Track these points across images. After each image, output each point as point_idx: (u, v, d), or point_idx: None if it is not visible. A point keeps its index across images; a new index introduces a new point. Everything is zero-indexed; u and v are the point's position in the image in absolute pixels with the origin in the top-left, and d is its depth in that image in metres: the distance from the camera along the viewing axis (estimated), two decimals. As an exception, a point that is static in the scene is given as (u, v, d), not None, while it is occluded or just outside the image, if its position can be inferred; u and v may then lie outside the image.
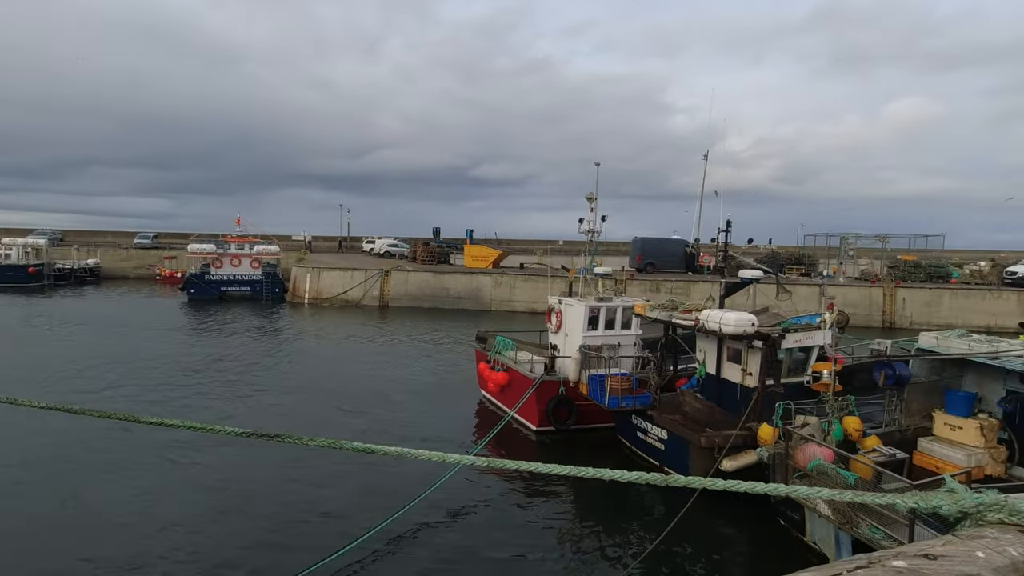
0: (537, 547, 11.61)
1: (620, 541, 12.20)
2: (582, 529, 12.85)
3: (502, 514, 12.86)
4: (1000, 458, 13.21)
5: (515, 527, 12.32)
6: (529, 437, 17.59)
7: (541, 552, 11.42)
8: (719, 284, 16.11)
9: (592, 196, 19.46)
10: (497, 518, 12.65)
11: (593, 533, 12.67)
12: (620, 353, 18.93)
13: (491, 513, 12.92)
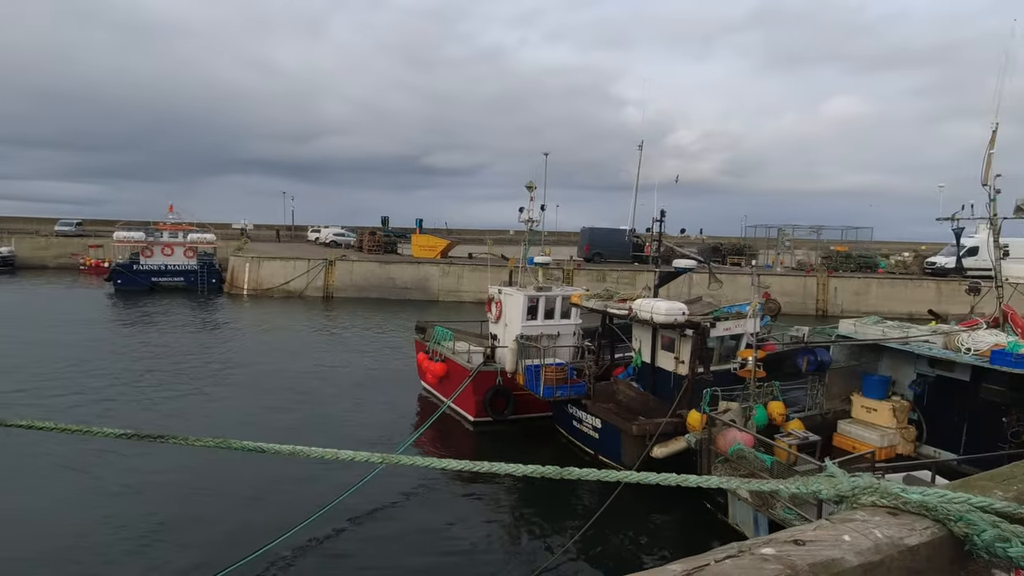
0: (465, 540, 11.42)
1: (551, 529, 12.18)
2: (513, 519, 12.76)
3: (429, 510, 12.55)
4: (910, 438, 13.91)
5: (441, 522, 12.05)
6: (466, 428, 17.39)
7: (469, 544, 11.25)
8: (655, 273, 16.24)
9: (532, 185, 19.30)
10: (423, 515, 12.32)
11: (524, 522, 12.62)
12: (560, 343, 18.97)
13: (416, 510, 12.55)
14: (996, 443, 12.40)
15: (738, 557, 2.79)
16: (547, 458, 13.51)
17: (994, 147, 11.90)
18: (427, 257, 48.62)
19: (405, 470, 13.67)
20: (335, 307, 41.31)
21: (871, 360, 14.94)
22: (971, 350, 11.85)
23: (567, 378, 14.66)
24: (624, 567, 10.69)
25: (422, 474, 13.94)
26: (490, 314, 20.20)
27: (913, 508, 3.00)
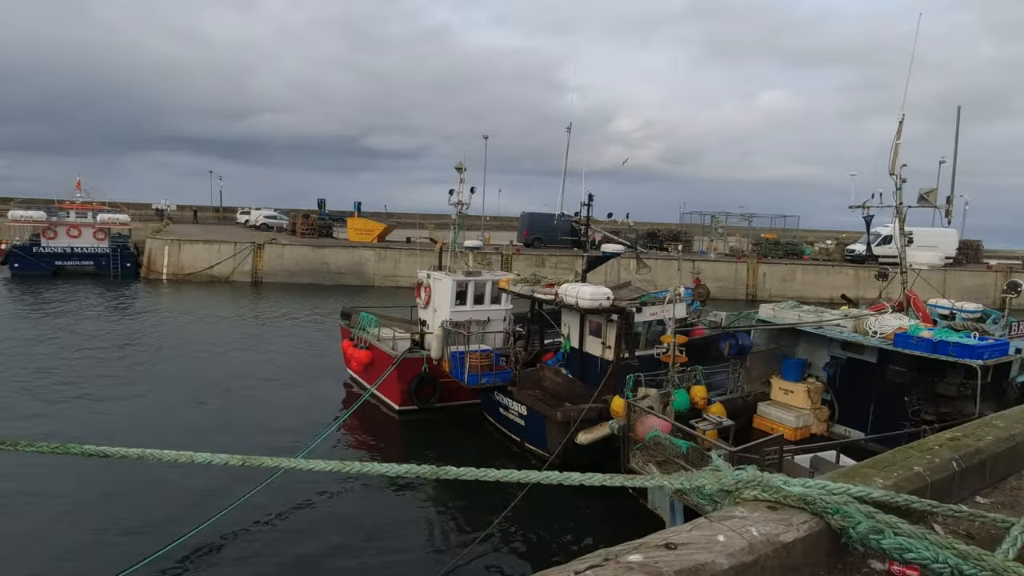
0: (375, 537, 10.84)
1: (471, 516, 11.87)
2: (432, 508, 12.37)
3: (338, 507, 11.91)
4: (823, 417, 14.39)
5: (350, 519, 11.43)
6: (392, 417, 16.80)
7: (379, 543, 10.71)
8: (582, 258, 16.05)
9: (461, 167, 18.69)
10: (330, 513, 11.65)
11: (443, 510, 12.30)
12: (490, 328, 18.59)
13: (324, 508, 11.81)
14: (899, 421, 12.95)
15: (601, 567, 2.32)
16: (474, 446, 13.17)
17: (900, 138, 12.29)
18: (363, 241, 47.14)
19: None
20: (264, 293, 39.42)
21: (790, 344, 15.33)
22: (877, 333, 12.25)
23: (492, 365, 14.29)
24: (538, 557, 10.51)
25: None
26: (419, 299, 19.59)
27: (793, 502, 2.62)
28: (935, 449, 5.26)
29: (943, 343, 10.90)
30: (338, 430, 15.67)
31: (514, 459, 14.67)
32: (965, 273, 44.49)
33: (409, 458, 15.35)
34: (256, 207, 66.81)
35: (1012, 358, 11.33)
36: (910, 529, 2.30)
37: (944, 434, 5.82)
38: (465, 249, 19.53)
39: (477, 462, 10.53)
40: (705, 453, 8.61)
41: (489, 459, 15.24)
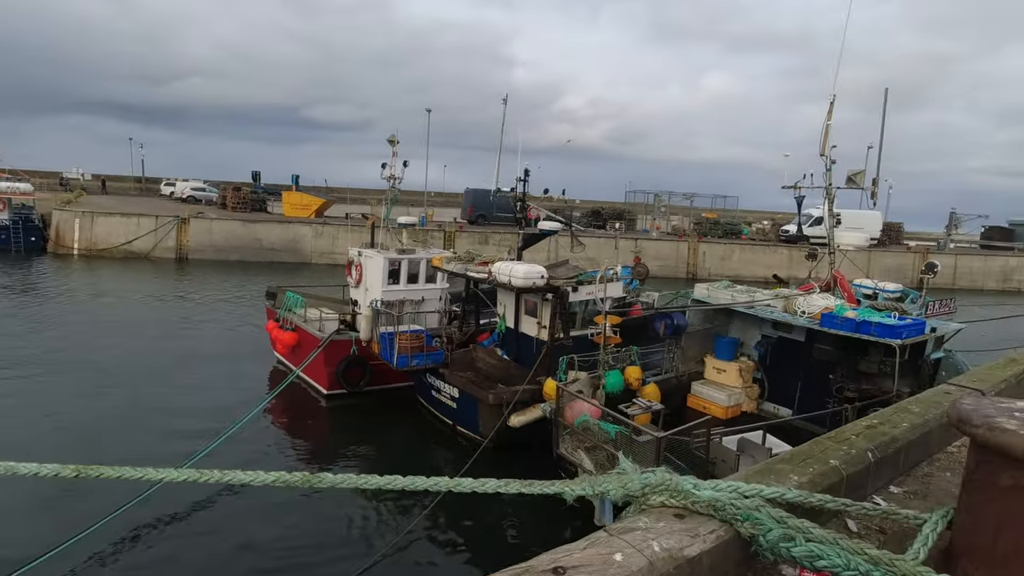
0: (287, 536, 10.15)
1: (403, 503, 11.37)
2: (363, 496, 11.77)
3: (244, 509, 11.08)
4: (754, 396, 14.59)
5: (259, 521, 10.67)
6: (319, 402, 15.97)
7: (289, 544, 9.99)
8: (518, 235, 15.53)
9: (394, 139, 17.71)
10: (231, 514, 10.84)
11: (375, 497, 11.72)
12: (425, 308, 17.91)
13: (227, 511, 10.97)
14: (824, 399, 13.25)
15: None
16: (406, 430, 12.50)
17: (831, 118, 12.34)
18: (300, 216, 45.05)
19: (226, 450, 12.12)
20: (189, 270, 37.10)
21: (723, 323, 15.42)
22: (805, 313, 12.38)
23: (424, 346, 13.67)
24: (461, 552, 10.14)
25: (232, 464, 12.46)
26: (350, 278, 18.64)
27: (702, 508, 2.41)
28: (852, 439, 5.09)
29: (866, 323, 11.07)
30: (264, 416, 14.77)
31: (446, 443, 14.22)
32: (888, 254, 46.89)
33: (337, 443, 14.65)
34: (183, 179, 62.70)
35: (928, 337, 11.66)
36: (822, 534, 2.22)
37: (862, 422, 5.69)
38: (398, 226, 18.66)
39: (408, 446, 10.12)
40: (634, 439, 8.36)
41: (421, 443, 14.76)
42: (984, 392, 7.05)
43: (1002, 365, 8.67)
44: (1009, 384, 7.77)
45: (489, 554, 10.17)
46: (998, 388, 7.39)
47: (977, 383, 7.35)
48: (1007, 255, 50.49)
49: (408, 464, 13.47)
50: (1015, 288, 48.09)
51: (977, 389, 7.06)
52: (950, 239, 53.15)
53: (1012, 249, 52.16)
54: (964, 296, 44.68)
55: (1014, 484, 1.89)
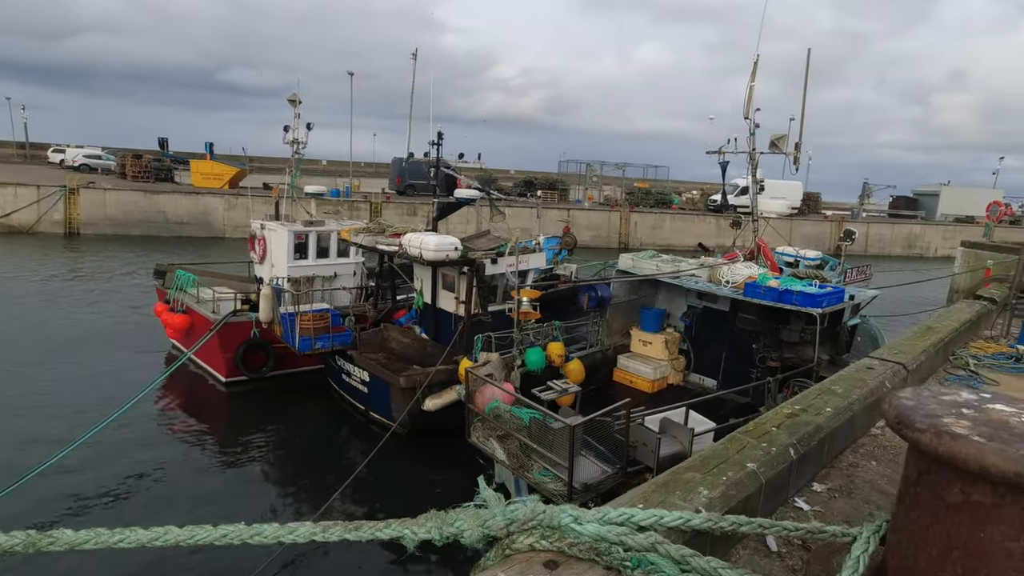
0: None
1: (313, 485, 10.42)
2: (269, 481, 10.75)
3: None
4: (680, 368, 14.32)
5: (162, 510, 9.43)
6: (219, 390, 14.46)
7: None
8: (432, 205, 14.40)
9: (295, 98, 15.97)
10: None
11: (283, 480, 10.76)
12: (337, 284, 16.58)
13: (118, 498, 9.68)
14: (748, 368, 13.11)
15: None
16: (316, 417, 11.28)
17: (755, 79, 11.88)
18: (211, 187, 41.64)
19: (106, 448, 10.64)
20: (80, 247, 33.55)
21: (649, 294, 15.01)
22: (729, 283, 12.05)
23: (329, 326, 12.43)
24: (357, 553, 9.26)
25: (128, 458, 11.02)
26: (253, 253, 16.97)
27: (582, 551, 2.07)
28: (772, 433, 4.48)
29: (788, 292, 10.82)
30: (156, 406, 13.23)
31: (358, 430, 13.18)
32: (807, 222, 48.76)
33: (237, 433, 13.25)
34: (77, 145, 56.74)
35: (846, 304, 11.59)
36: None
37: (784, 409, 5.12)
38: (306, 195, 17.06)
39: (317, 434, 8.90)
40: (548, 426, 7.64)
41: (332, 430, 13.64)
42: (906, 366, 6.76)
43: (920, 334, 8.51)
44: (929, 355, 7.56)
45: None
46: (919, 360, 7.13)
47: (899, 355, 7.07)
48: (912, 223, 53.76)
49: (316, 453, 12.38)
50: (918, 254, 51.38)
51: (899, 363, 6.76)
52: (862, 208, 56.01)
53: (916, 217, 55.59)
54: (875, 262, 47.38)
55: (964, 500, 1.58)
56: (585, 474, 7.58)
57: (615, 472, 7.64)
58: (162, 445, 12.05)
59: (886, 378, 5.78)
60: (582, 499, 7.47)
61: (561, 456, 7.23)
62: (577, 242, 21.26)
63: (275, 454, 12.26)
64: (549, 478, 7.60)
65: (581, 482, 7.37)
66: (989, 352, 8.50)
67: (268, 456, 12.15)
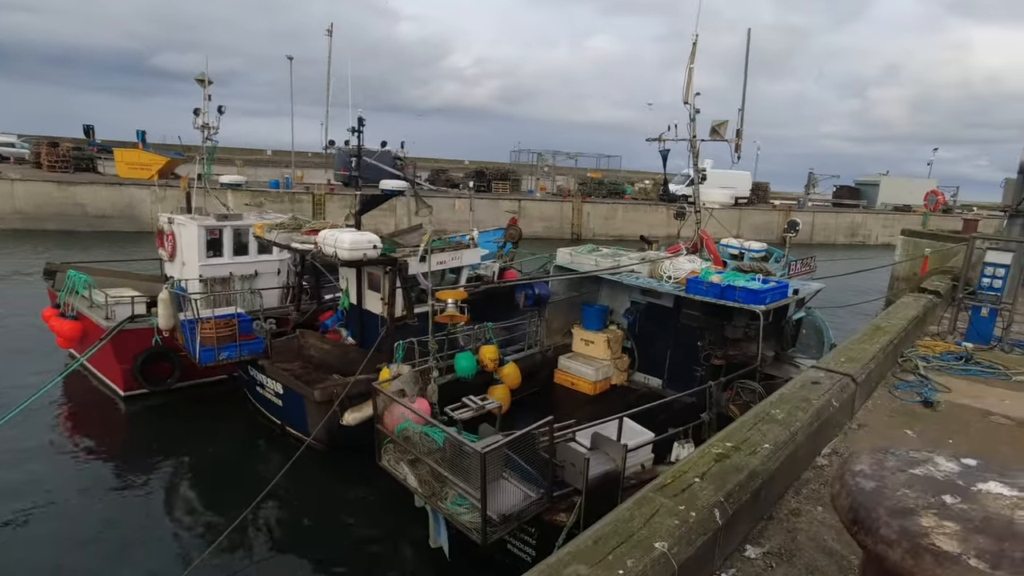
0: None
1: (219, 507, 9.26)
2: (170, 504, 9.54)
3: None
4: (623, 367, 13.61)
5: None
6: (116, 405, 12.95)
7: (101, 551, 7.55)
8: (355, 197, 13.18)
9: (203, 78, 14.41)
10: None
11: (185, 503, 9.57)
12: (260, 284, 15.19)
13: None
14: (693, 367, 12.50)
15: None
16: (231, 432, 9.89)
17: (694, 62, 11.17)
18: (138, 178, 38.80)
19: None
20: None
21: (592, 290, 14.23)
22: (671, 278, 11.36)
23: (236, 334, 11.13)
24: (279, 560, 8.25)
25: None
26: (162, 251, 15.39)
27: None
28: (695, 488, 3.60)
29: (731, 288, 10.18)
30: (45, 424, 11.73)
31: (276, 445, 11.95)
32: (756, 212, 49.35)
33: (139, 453, 11.82)
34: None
35: (790, 300, 11.06)
36: None
37: (713, 448, 4.31)
38: (221, 186, 15.56)
39: (230, 451, 7.14)
40: (461, 449, 6.70)
41: (247, 447, 12.35)
42: (855, 377, 6.11)
43: (869, 335, 7.93)
44: (878, 360, 6.97)
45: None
46: (868, 369, 6.52)
47: (847, 364, 6.45)
48: (854, 212, 55.20)
49: (227, 472, 11.13)
50: (860, 242, 52.83)
51: (847, 374, 6.11)
52: (808, 198, 57.17)
53: (858, 206, 57.13)
54: (820, 250, 48.36)
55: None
56: (506, 501, 6.68)
57: (539, 498, 6.77)
58: (40, 465, 10.59)
59: (833, 394, 5.07)
60: (500, 532, 6.59)
61: (476, 484, 6.30)
62: (522, 234, 20.29)
63: (179, 474, 10.96)
64: (465, 507, 6.67)
65: (499, 513, 6.47)
66: (937, 352, 8.07)
67: (170, 477, 10.84)
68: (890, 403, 5.98)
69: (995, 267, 9.13)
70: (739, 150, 11.75)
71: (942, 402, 6.03)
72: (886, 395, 6.19)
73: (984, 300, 9.12)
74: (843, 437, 4.95)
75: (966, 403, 6.19)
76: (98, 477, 10.58)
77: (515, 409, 11.91)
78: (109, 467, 11.06)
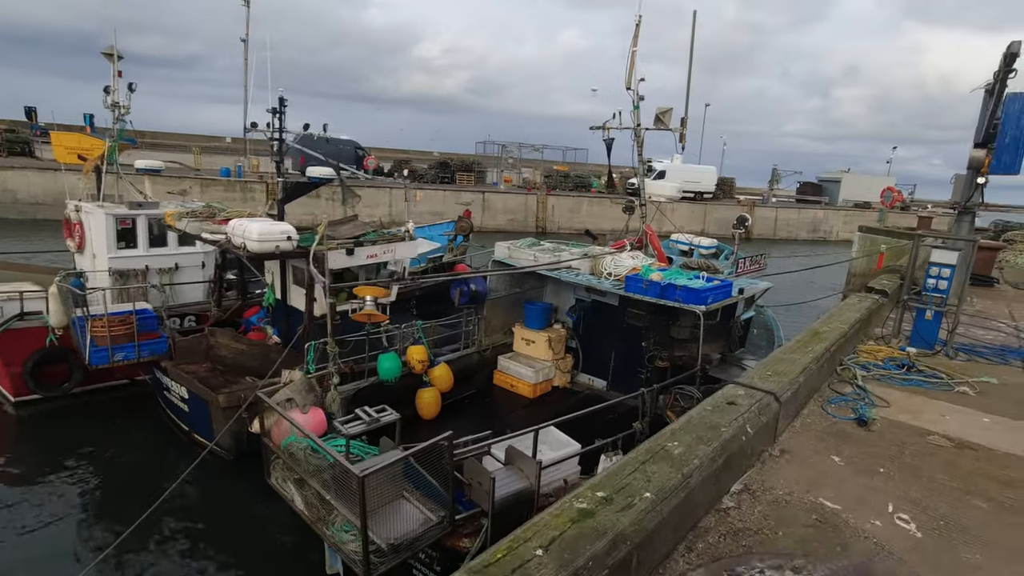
0: None
1: (113, 516, 8.31)
2: (61, 515, 8.57)
3: None
4: (566, 368, 12.91)
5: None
6: (7, 412, 11.72)
7: None
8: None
9: (111, 51, 13.17)
10: None
11: (75, 513, 8.63)
12: (181, 278, 14.08)
13: None
14: (637, 369, 11.89)
15: None
16: (137, 439, 8.86)
17: (637, 45, 10.47)
18: (78, 164, 36.61)
19: None
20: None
21: (536, 287, 13.49)
22: (612, 275, 10.69)
23: (134, 332, 10.06)
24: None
25: None
26: (70, 241, 14.12)
27: None
28: (531, 565, 2.80)
29: (671, 287, 9.54)
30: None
31: (184, 453, 10.94)
32: (721, 206, 49.38)
33: (23, 466, 10.70)
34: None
35: (736, 299, 10.48)
36: None
37: (579, 500, 3.58)
38: (136, 172, 14.36)
39: (135, 460, 6.52)
40: (348, 473, 5.88)
41: (153, 455, 11.32)
42: (778, 396, 5.44)
43: (805, 342, 7.27)
44: (810, 373, 6.30)
45: None
46: (796, 383, 5.85)
47: (772, 379, 5.76)
48: (816, 208, 55.79)
49: (128, 481, 10.13)
50: (821, 237, 53.42)
51: (770, 391, 5.44)
52: (772, 194, 57.57)
53: (820, 203, 57.79)
54: (782, 246, 48.71)
55: None
56: (399, 527, 5.89)
57: (439, 522, 6.00)
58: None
59: (750, 418, 4.35)
60: (389, 563, 5.81)
61: (354, 508, 5.50)
62: (473, 228, 19.49)
63: (72, 484, 9.93)
64: (352, 535, 5.86)
65: (388, 541, 5.68)
66: (880, 358, 7.56)
67: (62, 487, 9.81)
68: (821, 422, 5.36)
69: (940, 267, 8.69)
70: (683, 140, 11.12)
71: (877, 419, 5.43)
72: (818, 412, 5.58)
73: (929, 302, 8.68)
74: (760, 468, 4.28)
75: (903, 420, 5.61)
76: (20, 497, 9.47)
77: (447, 413, 11.15)
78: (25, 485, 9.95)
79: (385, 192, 42.33)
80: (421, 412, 10.79)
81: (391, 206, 43.86)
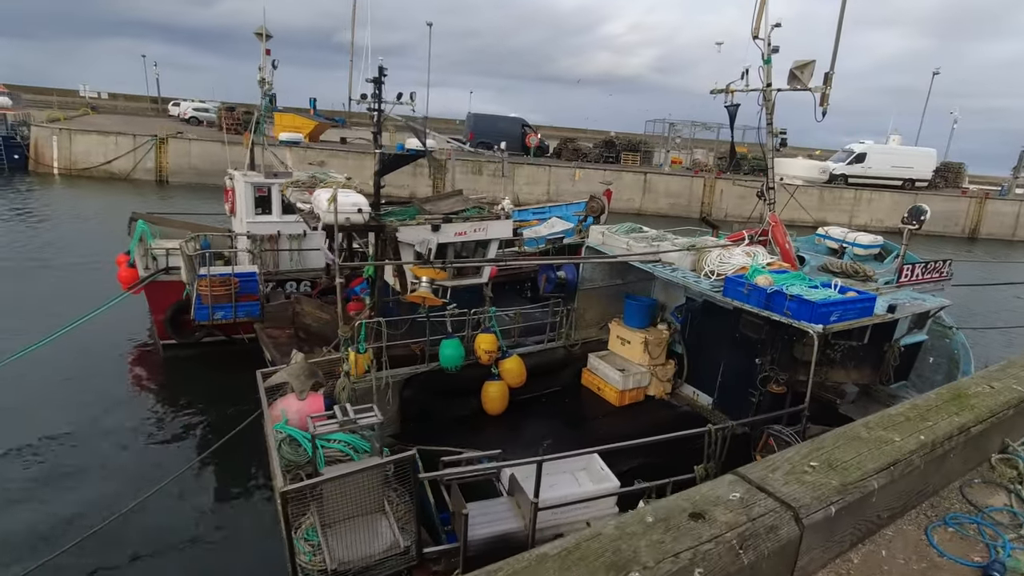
0: None
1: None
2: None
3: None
4: (665, 376, 11.17)
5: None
6: (152, 353, 13.60)
7: None
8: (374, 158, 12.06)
9: (262, 31, 14.25)
10: None
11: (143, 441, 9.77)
12: (308, 244, 15.09)
13: None
14: (747, 388, 9.78)
15: None
16: (242, 392, 9.75)
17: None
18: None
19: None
20: (169, 193, 35.44)
21: (641, 279, 11.84)
22: (713, 273, 8.74)
23: (233, 294, 10.82)
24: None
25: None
26: (227, 206, 15.87)
27: None
28: None
29: (779, 295, 7.42)
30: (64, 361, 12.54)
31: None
32: (937, 197, 40.35)
33: (168, 401, 12.29)
34: (191, 98, 60.45)
35: (879, 318, 7.82)
36: None
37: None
38: (280, 143, 15.53)
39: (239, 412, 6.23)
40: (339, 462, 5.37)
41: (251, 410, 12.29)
42: (799, 513, 2.62)
43: (926, 409, 4.04)
44: (908, 472, 3.01)
45: None
46: (861, 491, 2.77)
47: (814, 475, 2.68)
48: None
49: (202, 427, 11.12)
50: (1098, 244, 40.95)
51: (785, 503, 2.62)
52: (1016, 183, 45.04)
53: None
54: (1022, 249, 38.18)
55: None
56: (363, 547, 5.22)
57: (403, 552, 5.19)
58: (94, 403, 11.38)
59: (713, 558, 2.00)
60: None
61: (345, 513, 4.96)
62: (606, 209, 17.99)
63: (195, 425, 11.18)
64: (314, 545, 5.32)
65: (342, 561, 5.06)
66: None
67: (189, 426, 11.07)
68: (908, 561, 2.56)
69: None
70: (825, 102, 8.54)
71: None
72: (913, 537, 2.72)
73: None
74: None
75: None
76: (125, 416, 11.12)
77: (517, 411, 10.29)
78: (134, 408, 11.61)
79: (544, 170, 42.00)
80: (486, 407, 10.08)
81: (550, 184, 43.44)
